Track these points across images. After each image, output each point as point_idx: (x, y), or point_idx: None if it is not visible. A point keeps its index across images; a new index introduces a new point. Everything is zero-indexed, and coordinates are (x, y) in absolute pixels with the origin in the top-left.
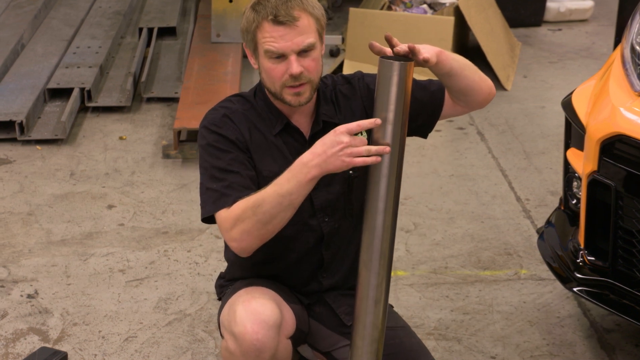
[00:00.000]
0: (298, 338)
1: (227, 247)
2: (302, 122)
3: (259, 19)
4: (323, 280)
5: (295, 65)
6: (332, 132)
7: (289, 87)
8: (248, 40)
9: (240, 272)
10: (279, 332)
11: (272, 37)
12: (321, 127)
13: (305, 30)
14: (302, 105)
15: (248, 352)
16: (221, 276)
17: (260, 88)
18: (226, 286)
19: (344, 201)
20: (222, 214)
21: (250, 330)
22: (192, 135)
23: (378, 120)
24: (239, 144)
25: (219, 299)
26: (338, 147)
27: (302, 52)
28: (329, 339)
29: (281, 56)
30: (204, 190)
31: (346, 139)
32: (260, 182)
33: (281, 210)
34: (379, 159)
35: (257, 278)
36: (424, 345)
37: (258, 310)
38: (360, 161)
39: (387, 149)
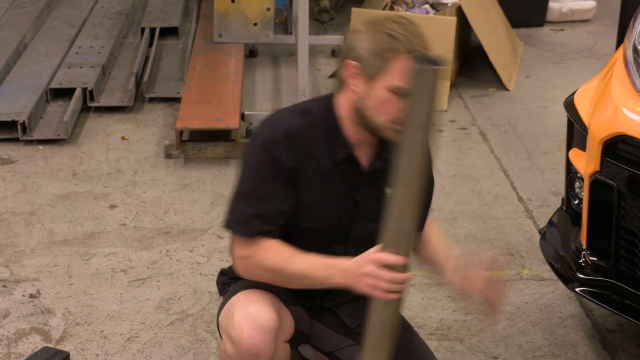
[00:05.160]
0: (297, 339)
1: None
2: (364, 154)
3: (401, 48)
4: (329, 296)
5: None
6: (368, 253)
7: (396, 123)
8: (371, 63)
9: None
10: (276, 338)
11: (408, 74)
12: (383, 165)
13: None
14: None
15: (245, 357)
16: (223, 272)
17: (332, 105)
18: (228, 284)
19: (376, 238)
20: (240, 239)
21: (247, 335)
22: (194, 135)
23: (408, 276)
24: (288, 172)
25: (221, 295)
26: (364, 271)
27: None
28: (332, 340)
29: (405, 94)
30: (236, 203)
31: (372, 268)
32: (300, 207)
33: (296, 284)
34: (396, 296)
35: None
36: (427, 346)
37: (256, 315)
38: (379, 294)
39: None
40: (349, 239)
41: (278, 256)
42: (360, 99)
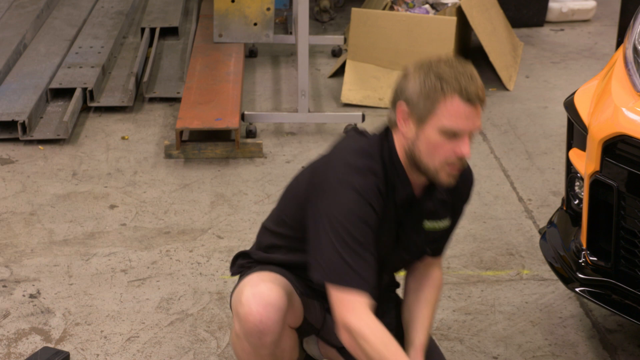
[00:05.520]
0: (306, 330)
1: (269, 233)
2: (418, 193)
3: (448, 90)
4: None
5: (468, 147)
6: None
7: (450, 166)
8: (420, 105)
9: (268, 258)
10: (284, 318)
11: (457, 115)
12: (433, 204)
13: (480, 112)
14: (450, 185)
15: (250, 334)
16: (244, 255)
17: (391, 147)
18: (248, 267)
19: (408, 265)
20: (348, 297)
21: (254, 311)
22: (194, 135)
23: None
24: (377, 219)
25: (233, 275)
26: None
27: (471, 134)
28: None
29: (455, 135)
30: (332, 251)
31: None
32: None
33: None
34: None
35: (281, 267)
36: (437, 345)
37: (264, 293)
38: None
39: None
40: (385, 269)
41: (385, 348)
42: (412, 143)
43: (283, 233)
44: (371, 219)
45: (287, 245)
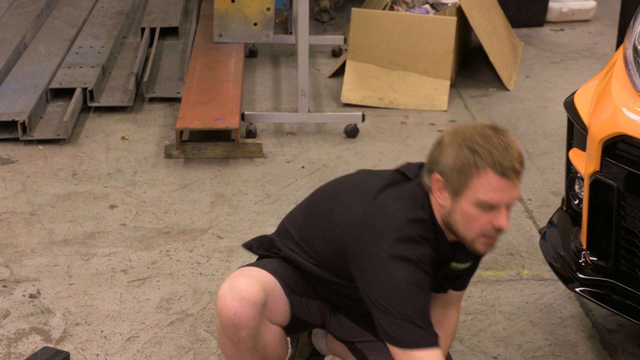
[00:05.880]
0: (302, 328)
1: (293, 244)
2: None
3: (482, 164)
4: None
5: (506, 220)
6: None
7: (486, 237)
8: (454, 178)
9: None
10: (261, 313)
11: (493, 189)
12: (462, 260)
13: (519, 183)
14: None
15: (227, 328)
16: (268, 240)
17: (431, 210)
18: (256, 255)
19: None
20: (427, 355)
21: (229, 305)
22: (194, 135)
23: None
24: (430, 279)
25: (243, 246)
26: None
27: (509, 205)
28: (356, 331)
29: (492, 207)
30: (397, 324)
31: None
32: None
33: None
34: None
35: (294, 268)
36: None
37: (240, 287)
38: None
39: None
40: None
41: None
42: (448, 213)
43: (309, 253)
44: (427, 283)
45: (309, 259)
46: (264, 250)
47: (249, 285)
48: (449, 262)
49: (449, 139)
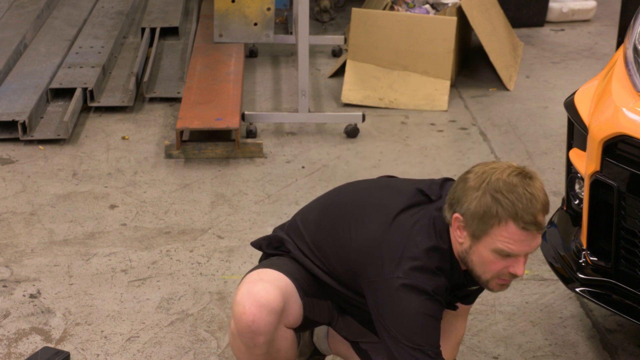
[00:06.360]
0: (308, 327)
1: (304, 245)
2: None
3: (504, 216)
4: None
5: (522, 268)
6: None
7: (501, 279)
8: (474, 224)
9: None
10: (279, 319)
11: (512, 240)
12: (474, 288)
13: (538, 235)
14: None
15: (243, 333)
16: (278, 240)
17: (450, 243)
18: (265, 253)
19: None
20: None
21: (247, 312)
22: (195, 135)
23: None
24: (443, 308)
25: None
26: None
27: (527, 254)
28: (361, 332)
29: (510, 255)
30: (408, 354)
31: None
32: None
33: None
34: None
35: (301, 267)
36: None
37: (260, 294)
38: None
39: None
40: None
41: None
42: (466, 252)
43: (322, 260)
44: (439, 313)
45: (320, 266)
46: (273, 249)
47: (268, 293)
48: (462, 288)
49: (474, 181)
